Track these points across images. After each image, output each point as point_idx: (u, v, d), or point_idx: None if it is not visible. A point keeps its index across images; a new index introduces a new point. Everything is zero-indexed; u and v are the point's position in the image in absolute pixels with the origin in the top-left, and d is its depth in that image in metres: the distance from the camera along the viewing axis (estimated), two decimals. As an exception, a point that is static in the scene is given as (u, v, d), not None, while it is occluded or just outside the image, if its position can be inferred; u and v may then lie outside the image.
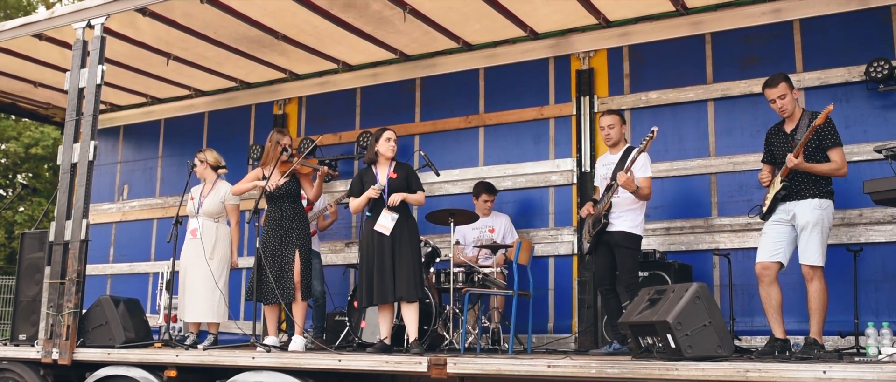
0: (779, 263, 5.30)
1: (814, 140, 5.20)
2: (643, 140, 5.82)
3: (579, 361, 4.67)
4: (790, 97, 5.37)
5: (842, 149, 5.26)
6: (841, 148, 5.25)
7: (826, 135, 5.22)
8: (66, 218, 6.49)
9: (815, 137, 5.19)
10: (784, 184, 5.26)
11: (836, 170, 5.23)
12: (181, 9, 7.15)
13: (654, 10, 7.30)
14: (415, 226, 6.13)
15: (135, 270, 9.86)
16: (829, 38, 6.79)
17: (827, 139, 5.22)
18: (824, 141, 5.22)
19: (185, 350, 5.97)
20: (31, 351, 6.41)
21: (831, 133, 5.23)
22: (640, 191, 5.91)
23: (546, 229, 7.74)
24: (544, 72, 7.97)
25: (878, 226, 6.37)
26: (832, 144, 5.22)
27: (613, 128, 6.22)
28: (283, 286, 6.21)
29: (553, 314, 7.59)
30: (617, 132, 6.23)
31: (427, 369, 4.89)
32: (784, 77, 5.42)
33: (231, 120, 9.65)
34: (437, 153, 7.88)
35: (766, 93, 5.45)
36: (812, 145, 5.22)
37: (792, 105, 5.39)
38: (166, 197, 9.84)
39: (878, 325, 5.22)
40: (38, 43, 7.78)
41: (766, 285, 5.31)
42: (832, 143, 5.22)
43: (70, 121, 6.68)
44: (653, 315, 4.68)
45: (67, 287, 6.32)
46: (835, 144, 5.22)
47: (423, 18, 7.38)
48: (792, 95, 5.38)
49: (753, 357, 4.87)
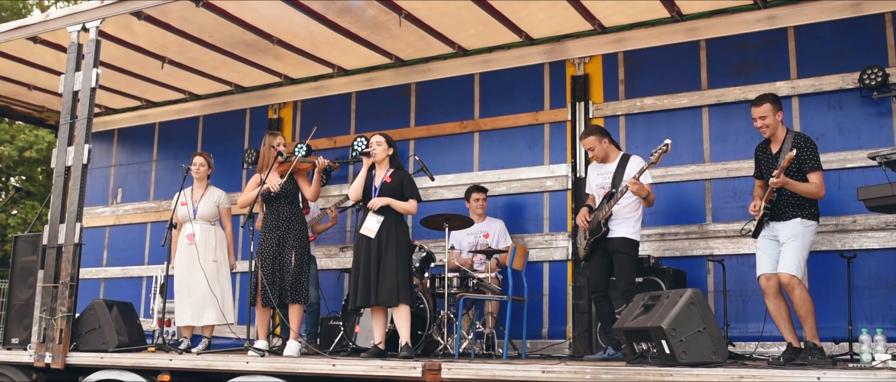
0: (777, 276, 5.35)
1: (795, 163, 5.30)
2: (655, 152, 5.76)
3: (574, 367, 4.67)
4: (772, 119, 5.45)
5: (821, 172, 5.35)
6: (820, 172, 5.34)
7: (806, 160, 5.32)
8: (60, 221, 6.46)
9: (796, 161, 5.28)
10: (766, 209, 5.36)
11: (815, 192, 5.33)
12: (176, 12, 7.14)
13: (649, 17, 7.32)
14: (405, 231, 6.09)
15: (128, 274, 9.83)
16: (823, 45, 6.82)
17: (807, 163, 5.32)
18: (805, 164, 5.32)
19: (179, 355, 5.95)
20: (23, 355, 6.38)
21: (811, 157, 5.32)
22: (649, 196, 5.96)
23: (541, 234, 7.74)
24: (539, 77, 7.98)
25: (871, 233, 6.39)
26: (811, 168, 5.32)
27: (593, 150, 6.25)
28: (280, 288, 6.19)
29: (547, 319, 7.59)
30: (599, 150, 6.23)
31: (422, 374, 4.88)
32: (771, 98, 5.50)
33: (226, 124, 9.64)
34: (431, 158, 7.88)
35: (752, 110, 5.55)
36: (793, 168, 5.31)
37: (773, 127, 5.47)
38: (160, 200, 9.81)
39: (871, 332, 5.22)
40: (33, 46, 7.76)
41: (772, 297, 5.36)
42: (811, 168, 5.32)
43: (64, 124, 6.66)
44: (647, 320, 4.68)
45: (61, 290, 6.30)
46: (814, 168, 5.32)
47: (418, 23, 7.38)
48: (775, 117, 5.46)
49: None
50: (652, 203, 6.13)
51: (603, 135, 6.28)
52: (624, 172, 6.03)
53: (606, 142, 6.25)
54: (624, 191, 5.90)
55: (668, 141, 5.76)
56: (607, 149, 6.24)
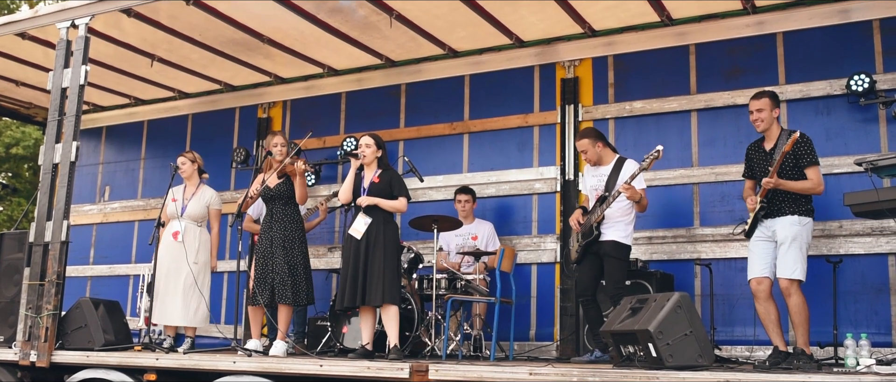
0: (769, 279, 5.36)
1: (791, 158, 5.31)
2: (646, 158, 5.78)
3: (561, 369, 4.68)
4: (768, 114, 5.47)
5: (819, 167, 5.36)
6: (817, 166, 5.35)
7: (803, 154, 5.33)
8: (47, 218, 6.44)
9: (792, 156, 5.30)
10: (762, 204, 5.35)
11: (813, 188, 5.33)
12: (166, 10, 7.12)
13: (639, 21, 7.34)
14: (394, 232, 6.08)
15: (115, 272, 9.78)
16: (811, 51, 6.86)
17: (804, 158, 5.33)
18: (801, 159, 5.33)
19: (165, 354, 5.93)
20: (8, 353, 6.35)
21: (808, 152, 5.33)
22: (642, 201, 5.98)
23: (529, 237, 7.75)
24: (529, 80, 7.99)
25: (857, 238, 6.44)
26: (809, 163, 5.33)
27: (587, 153, 6.23)
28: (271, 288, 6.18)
29: (535, 321, 7.60)
30: (592, 153, 6.22)
31: (409, 375, 4.88)
32: (771, 94, 5.54)
33: (215, 122, 9.60)
34: (421, 159, 7.87)
35: (750, 103, 5.57)
36: (789, 163, 5.32)
37: (768, 122, 5.49)
38: (148, 198, 9.77)
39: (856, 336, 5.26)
40: (21, 42, 7.72)
41: (762, 301, 5.37)
42: (809, 162, 5.33)
43: (52, 121, 6.63)
44: (634, 324, 4.70)
45: (47, 288, 6.27)
46: (811, 163, 5.33)
47: (409, 24, 7.38)
48: (771, 113, 5.48)
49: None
50: (645, 208, 6.15)
51: (598, 138, 6.28)
52: (618, 175, 6.04)
53: (600, 146, 6.25)
54: (616, 196, 5.91)
55: (660, 147, 5.77)
56: (601, 152, 6.24)
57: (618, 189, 5.88)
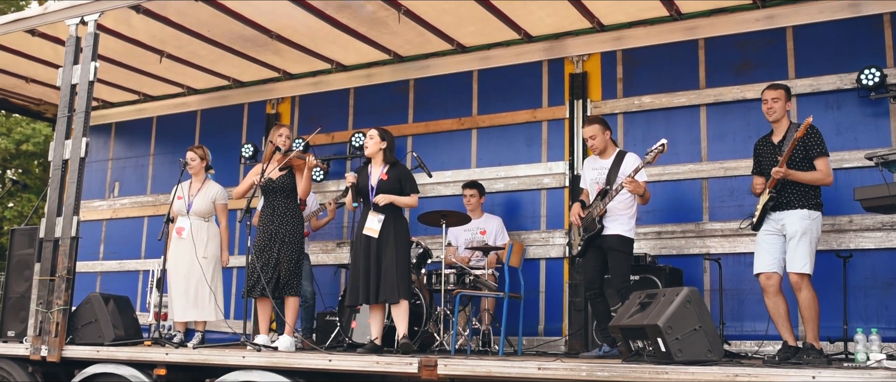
0: (778, 274, 5.34)
1: (800, 149, 5.29)
2: (651, 151, 5.76)
3: (570, 364, 4.67)
4: (782, 104, 5.49)
5: (828, 158, 5.35)
6: (827, 157, 5.34)
7: (812, 145, 5.31)
8: (57, 214, 6.46)
9: (802, 147, 5.28)
10: (772, 195, 5.33)
11: (822, 179, 5.31)
12: (175, 6, 7.13)
13: (648, 15, 7.32)
14: (404, 228, 6.08)
15: (125, 268, 9.83)
16: (821, 45, 6.83)
17: (813, 149, 5.31)
18: (811, 150, 5.31)
19: (175, 349, 5.95)
20: (19, 348, 6.37)
21: (817, 142, 5.32)
22: (645, 194, 5.97)
23: (538, 231, 7.75)
24: (538, 75, 7.98)
25: (867, 233, 6.41)
26: (818, 154, 5.31)
27: (595, 139, 6.19)
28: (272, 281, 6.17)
29: (543, 316, 7.60)
30: (600, 140, 6.18)
31: (417, 370, 4.88)
32: (786, 88, 5.56)
33: (223, 118, 9.63)
34: (429, 154, 7.87)
35: (764, 93, 5.57)
36: (799, 154, 5.31)
37: (780, 113, 5.49)
38: (157, 194, 9.81)
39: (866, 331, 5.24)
40: (31, 38, 7.74)
41: (771, 295, 5.36)
42: (818, 153, 5.31)
43: (62, 117, 6.65)
44: (643, 318, 4.69)
45: (57, 284, 6.30)
46: (821, 154, 5.31)
47: (417, 20, 7.38)
48: (784, 105, 5.50)
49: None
50: (647, 200, 6.13)
51: (606, 127, 6.27)
52: (619, 169, 6.02)
53: (608, 135, 6.26)
54: (618, 189, 5.89)
55: (664, 140, 5.76)
56: (607, 142, 6.24)
57: (621, 183, 5.87)
